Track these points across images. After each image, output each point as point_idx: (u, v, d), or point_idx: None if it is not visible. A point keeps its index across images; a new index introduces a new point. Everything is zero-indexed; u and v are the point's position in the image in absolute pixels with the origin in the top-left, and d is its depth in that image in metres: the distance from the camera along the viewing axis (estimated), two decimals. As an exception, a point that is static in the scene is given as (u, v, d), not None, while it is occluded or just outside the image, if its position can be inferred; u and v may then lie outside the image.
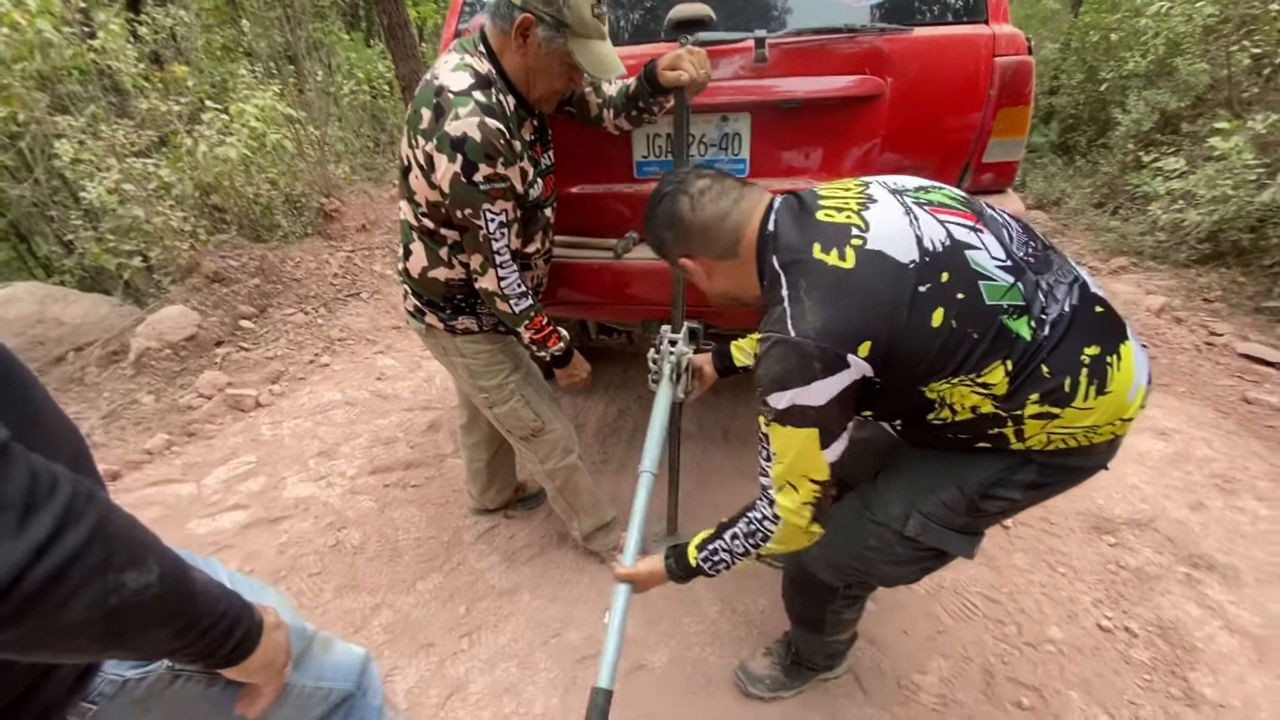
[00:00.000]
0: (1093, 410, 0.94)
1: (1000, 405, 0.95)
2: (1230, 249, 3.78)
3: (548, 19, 1.19)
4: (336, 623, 1.81)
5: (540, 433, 1.69)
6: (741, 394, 2.82)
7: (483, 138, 1.18)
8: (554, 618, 1.80)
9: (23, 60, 3.64)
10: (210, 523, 2.23)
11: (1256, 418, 2.59)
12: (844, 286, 0.93)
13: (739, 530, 1.08)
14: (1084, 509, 2.12)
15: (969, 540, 1.12)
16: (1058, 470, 1.03)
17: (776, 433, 0.98)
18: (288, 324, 3.75)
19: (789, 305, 0.94)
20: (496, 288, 1.36)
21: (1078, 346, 0.94)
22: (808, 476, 0.98)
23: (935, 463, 1.11)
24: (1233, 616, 1.73)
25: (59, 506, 0.47)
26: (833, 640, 1.41)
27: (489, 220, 1.27)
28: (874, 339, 0.91)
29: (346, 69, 7.43)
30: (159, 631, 0.56)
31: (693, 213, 1.07)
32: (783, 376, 0.94)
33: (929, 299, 0.92)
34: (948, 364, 0.93)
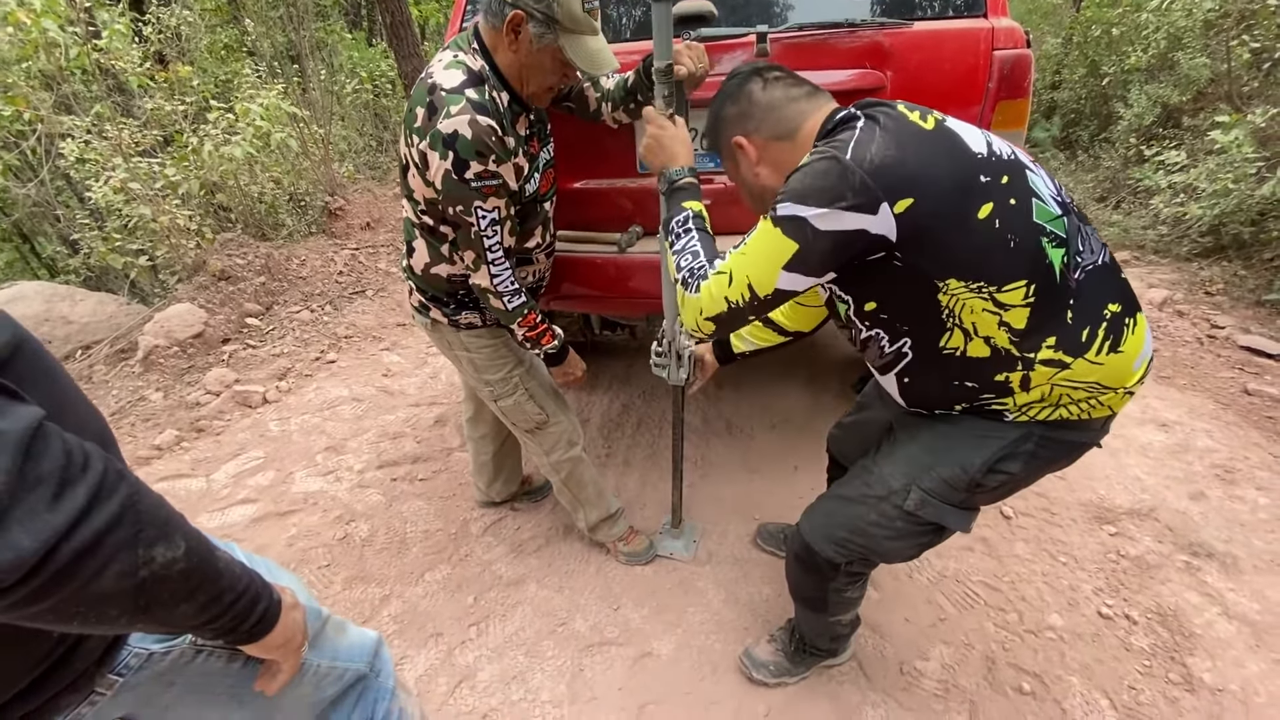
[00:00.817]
0: (1102, 366, 0.96)
1: (1016, 342, 0.96)
2: (1231, 242, 3.79)
3: (538, 15, 1.19)
4: (346, 613, 1.84)
5: (545, 425, 1.71)
6: (744, 386, 2.84)
7: (474, 135, 1.19)
8: (560, 607, 1.83)
9: (27, 59, 3.67)
10: (220, 516, 2.26)
11: (1257, 409, 2.61)
12: (919, 139, 0.92)
13: (692, 262, 1.10)
14: (1085, 499, 2.13)
15: (966, 515, 1.15)
16: (1055, 444, 1.05)
17: (763, 229, 0.98)
18: (294, 321, 3.78)
19: (859, 133, 0.93)
20: (489, 284, 1.38)
21: (1103, 300, 0.97)
22: (749, 280, 0.99)
23: (935, 439, 1.13)
24: (1231, 603, 1.75)
25: (92, 482, 0.49)
26: (836, 621, 1.43)
27: (480, 217, 1.28)
28: (918, 198, 0.90)
29: (349, 68, 7.46)
30: (185, 605, 0.58)
31: (763, 90, 1.09)
32: (809, 191, 0.92)
33: (984, 190, 0.92)
34: (975, 262, 0.93)
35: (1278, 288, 3.34)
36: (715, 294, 1.02)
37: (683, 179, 1.20)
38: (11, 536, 0.44)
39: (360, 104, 7.21)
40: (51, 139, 4.04)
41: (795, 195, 0.93)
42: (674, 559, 1.96)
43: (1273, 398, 2.64)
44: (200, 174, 4.16)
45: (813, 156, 0.95)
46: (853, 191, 0.89)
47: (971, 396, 1.05)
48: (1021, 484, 1.12)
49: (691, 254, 1.10)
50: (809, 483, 2.23)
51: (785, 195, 0.95)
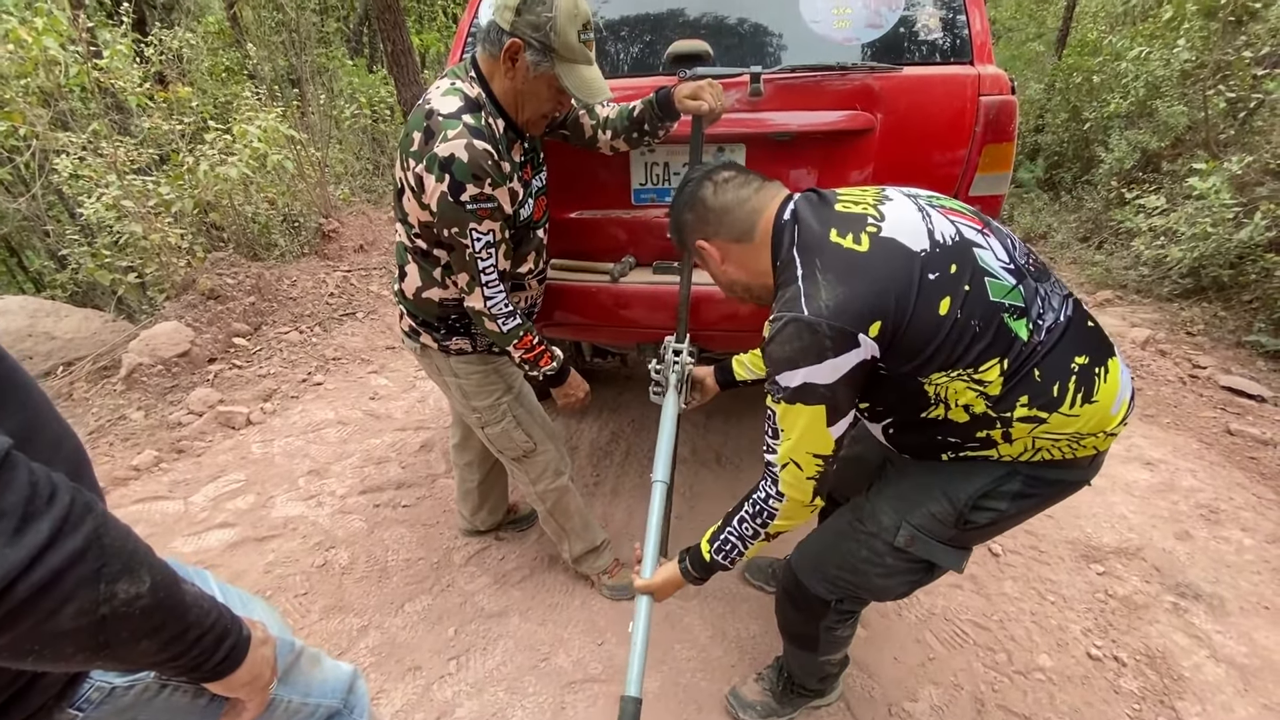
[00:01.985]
0: (1078, 417, 0.99)
1: (992, 406, 0.99)
2: (1211, 284, 3.88)
3: (535, 44, 1.22)
4: (323, 644, 1.78)
5: (532, 454, 1.70)
6: (734, 417, 2.83)
7: (470, 159, 1.20)
8: (543, 641, 1.79)
9: (26, 76, 3.69)
10: (196, 541, 2.20)
11: (1239, 449, 2.64)
12: (857, 267, 0.96)
13: (745, 514, 1.13)
14: (1073, 537, 2.13)
15: (957, 554, 1.15)
16: (1041, 482, 1.07)
17: (785, 411, 1.01)
18: (282, 342, 3.75)
19: (803, 284, 0.97)
20: (483, 307, 1.37)
21: (1069, 355, 0.99)
22: (812, 453, 1.02)
23: (925, 475, 1.14)
24: (1219, 646, 1.74)
25: (57, 515, 0.48)
26: (826, 660, 1.40)
27: (475, 240, 1.28)
28: (883, 319, 0.94)
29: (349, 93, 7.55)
30: (147, 643, 0.56)
31: (715, 196, 1.12)
32: (795, 355, 0.96)
33: (937, 286, 0.95)
34: (950, 354, 0.96)
35: (1257, 329, 3.41)
36: (799, 485, 1.05)
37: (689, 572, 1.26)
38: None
39: (358, 128, 7.29)
40: (46, 154, 4.03)
41: (787, 364, 0.98)
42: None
43: (1255, 438, 2.67)
44: (195, 193, 4.16)
45: (775, 326, 1.00)
46: (829, 339, 0.94)
47: (956, 449, 1.08)
48: (1011, 522, 1.13)
49: (740, 522, 1.16)
50: (797, 516, 2.21)
51: (775, 368, 1.00)
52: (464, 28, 1.96)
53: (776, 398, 1.01)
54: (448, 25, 9.70)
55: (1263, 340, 3.33)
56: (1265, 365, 3.26)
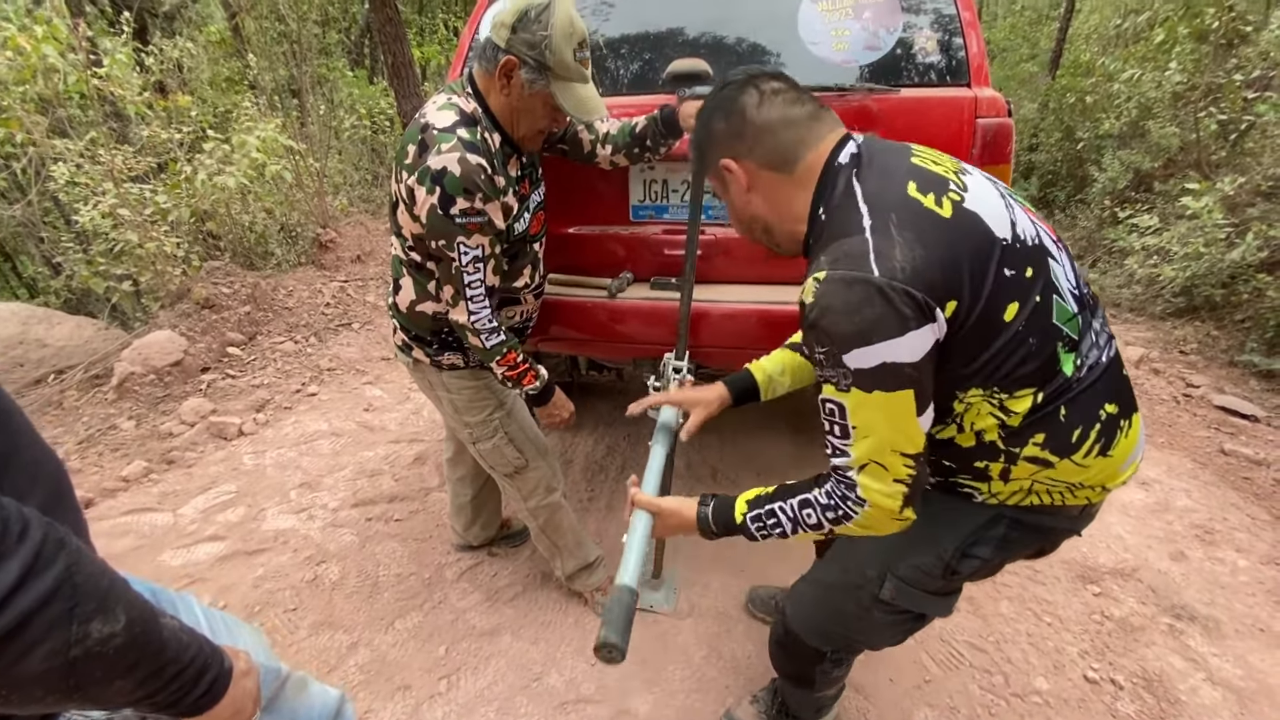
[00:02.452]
0: (1087, 469, 0.90)
1: (1004, 438, 0.90)
2: (1204, 303, 3.90)
3: (530, 62, 1.22)
4: (311, 661, 1.76)
5: (523, 470, 1.68)
6: (729, 433, 2.82)
7: (462, 172, 1.20)
8: (536, 660, 1.76)
9: (25, 83, 3.69)
10: (185, 554, 2.18)
11: (1233, 469, 2.64)
12: (942, 233, 0.81)
13: (815, 499, 0.91)
14: (1069, 558, 2.12)
15: (945, 601, 1.10)
16: (1026, 528, 1.00)
17: (860, 402, 0.81)
18: (276, 352, 3.73)
19: (873, 237, 0.80)
20: (467, 321, 1.36)
21: (1100, 401, 0.89)
22: (900, 451, 0.83)
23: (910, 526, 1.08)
24: (1215, 669, 1.73)
25: (26, 555, 0.46)
26: (822, 696, 1.39)
27: (462, 254, 1.27)
28: (959, 301, 0.80)
29: (349, 104, 7.58)
30: (121, 682, 0.54)
31: (758, 108, 0.92)
32: (867, 327, 0.77)
33: (1011, 286, 0.83)
34: (996, 370, 0.85)
35: (1249, 349, 3.43)
36: (884, 488, 0.84)
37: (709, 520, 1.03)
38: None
39: (358, 139, 7.31)
40: (43, 161, 4.02)
41: (857, 339, 0.78)
42: (653, 611, 1.91)
43: (1249, 458, 2.67)
44: (192, 202, 4.16)
45: (826, 288, 0.80)
46: (909, 306, 0.77)
47: (947, 474, 1.00)
48: (997, 568, 1.07)
49: (801, 504, 0.92)
50: (793, 533, 2.20)
51: (840, 345, 0.79)
52: (465, 42, 1.97)
53: (843, 385, 0.81)
54: (449, 39, 9.77)
55: (1255, 360, 3.35)
56: (1258, 385, 3.27)
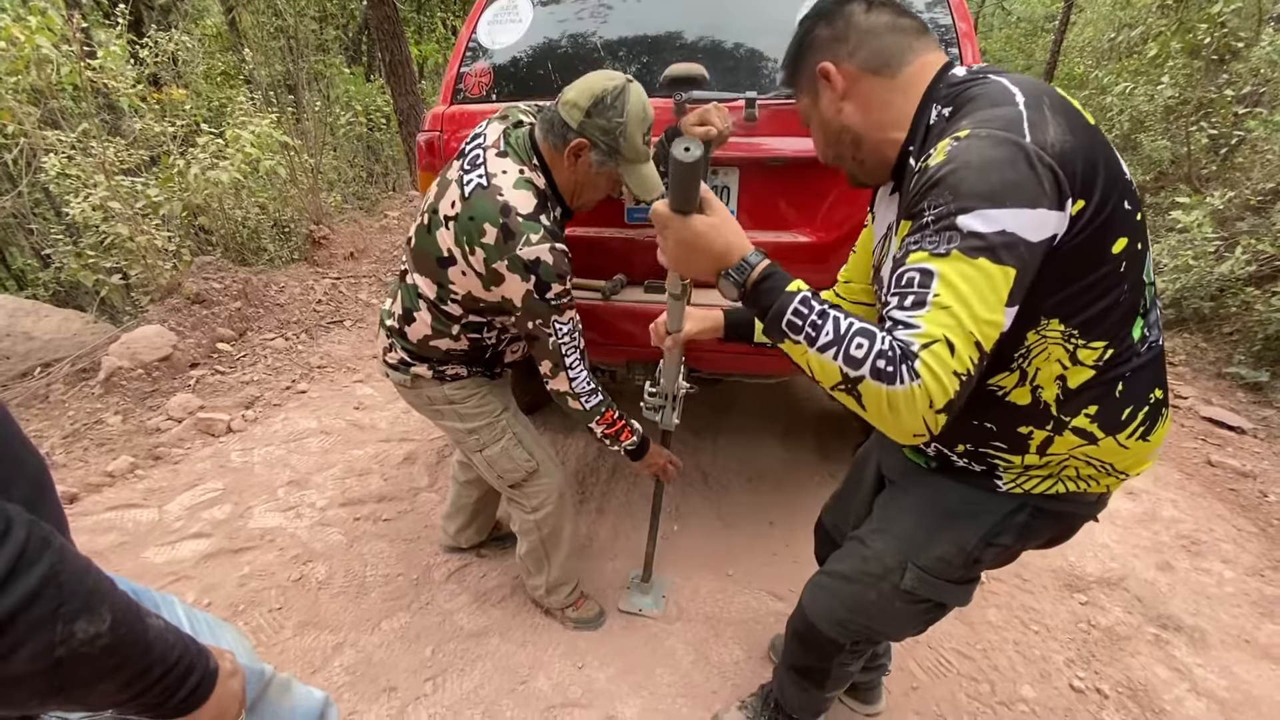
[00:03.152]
0: (1126, 451, 0.91)
1: (1060, 401, 0.88)
2: (1193, 316, 3.94)
3: (602, 146, 1.26)
4: (295, 662, 1.74)
5: (534, 475, 1.64)
6: (722, 438, 2.82)
7: (554, 261, 1.25)
8: (523, 663, 1.75)
9: (18, 74, 3.65)
10: (169, 551, 2.15)
11: (1220, 481, 2.66)
12: (1088, 134, 0.77)
13: (878, 338, 0.73)
14: (1056, 566, 2.13)
15: (965, 589, 1.10)
16: (1048, 515, 1.00)
17: (956, 269, 0.71)
18: (267, 349, 3.70)
19: (1026, 110, 0.75)
20: (568, 388, 1.42)
21: (1151, 384, 0.90)
22: (975, 337, 0.71)
23: (928, 514, 1.08)
24: (1200, 679, 1.74)
25: (10, 554, 0.46)
26: (830, 696, 1.36)
27: (558, 329, 1.34)
28: (1086, 204, 0.75)
29: (345, 101, 7.55)
30: (106, 683, 0.53)
31: (865, 14, 0.90)
32: (1002, 188, 0.71)
33: (1127, 220, 0.80)
34: (1084, 306, 0.81)
35: (1237, 361, 3.46)
36: (942, 371, 0.71)
37: (760, 264, 0.84)
38: None
39: (353, 136, 7.29)
40: (34, 152, 3.99)
41: (986, 199, 0.71)
42: (642, 615, 1.90)
43: (1235, 470, 2.70)
44: (184, 196, 4.13)
45: (968, 144, 0.74)
46: (1051, 181, 0.72)
47: (981, 440, 0.95)
48: (1017, 554, 1.09)
49: (863, 335, 0.74)
50: (783, 539, 2.20)
51: (964, 201, 0.71)
52: (462, 41, 1.96)
53: (943, 249, 0.72)
54: (447, 37, 9.77)
55: (1242, 372, 3.38)
56: (1245, 397, 3.31)
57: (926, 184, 0.75)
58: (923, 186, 0.76)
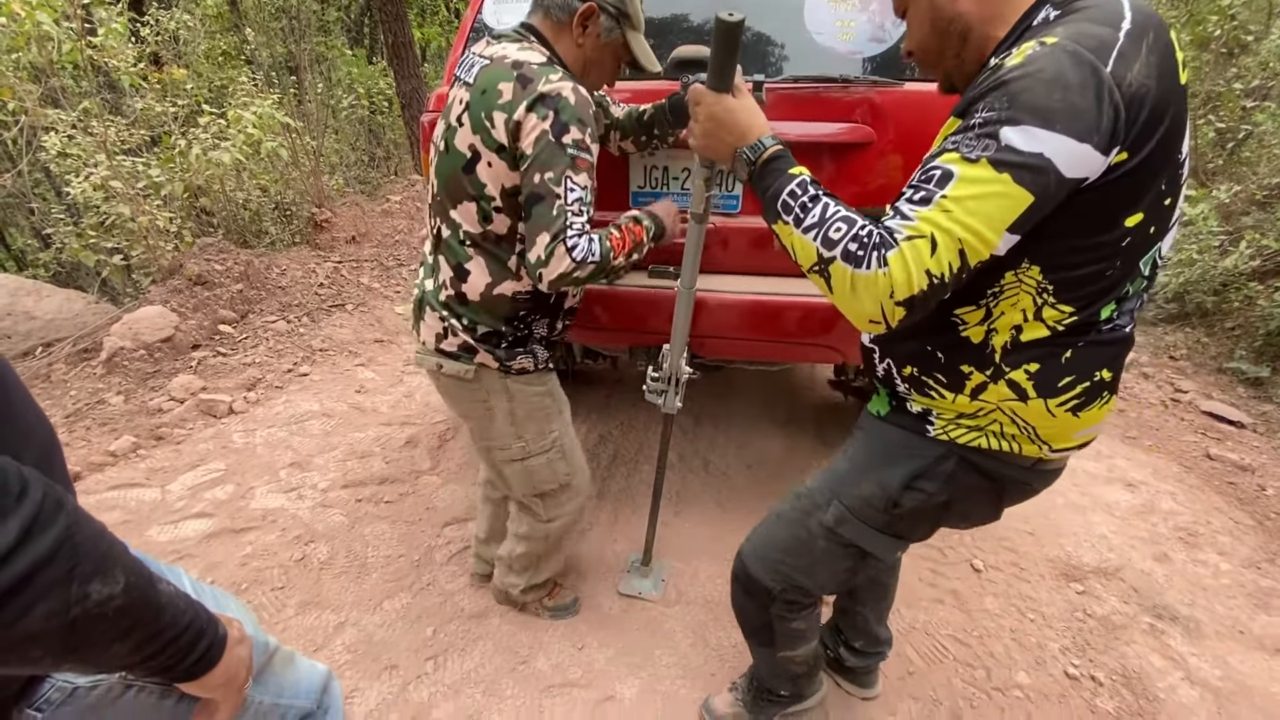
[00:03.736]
0: (1051, 420, 0.90)
1: (1007, 349, 0.88)
2: (1195, 310, 3.93)
3: (610, 9, 1.23)
4: (298, 640, 1.76)
5: (566, 487, 1.57)
6: (723, 425, 2.83)
7: (577, 100, 1.14)
8: (523, 644, 1.77)
9: (18, 50, 3.62)
10: (172, 530, 2.16)
11: (1218, 474, 2.67)
12: (1172, 88, 0.74)
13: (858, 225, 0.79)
14: (1054, 555, 2.15)
15: (887, 541, 1.10)
16: (976, 470, 0.99)
17: (980, 177, 0.72)
18: (269, 331, 3.70)
19: (1124, 38, 0.71)
20: (568, 268, 1.18)
21: (1101, 363, 0.88)
22: (963, 244, 0.72)
23: (863, 456, 1.10)
24: (1194, 669, 1.76)
25: (27, 513, 0.46)
26: (787, 658, 1.37)
27: (569, 190, 1.15)
28: (1129, 158, 0.73)
29: (347, 83, 7.50)
30: (119, 645, 0.54)
31: None
32: (1061, 110, 0.68)
33: (1154, 201, 0.78)
34: (1071, 266, 0.80)
35: (1238, 356, 3.46)
36: (914, 266, 0.73)
37: (771, 148, 0.92)
38: None
39: (355, 119, 7.24)
40: (34, 131, 3.96)
41: (1039, 114, 0.69)
42: (641, 598, 1.91)
43: (1234, 463, 2.71)
44: (185, 177, 4.11)
45: (1060, 53, 0.70)
46: (1110, 121, 0.69)
47: (927, 368, 0.96)
48: (941, 513, 1.06)
49: (844, 221, 0.80)
50: (782, 525, 2.21)
51: (1019, 114, 0.70)
52: (467, 22, 1.94)
53: (975, 155, 0.72)
54: (450, 20, 9.67)
55: (1243, 367, 3.38)
56: (1245, 392, 3.31)
57: (992, 84, 0.74)
58: (988, 86, 0.75)
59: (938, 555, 2.12)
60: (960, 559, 2.11)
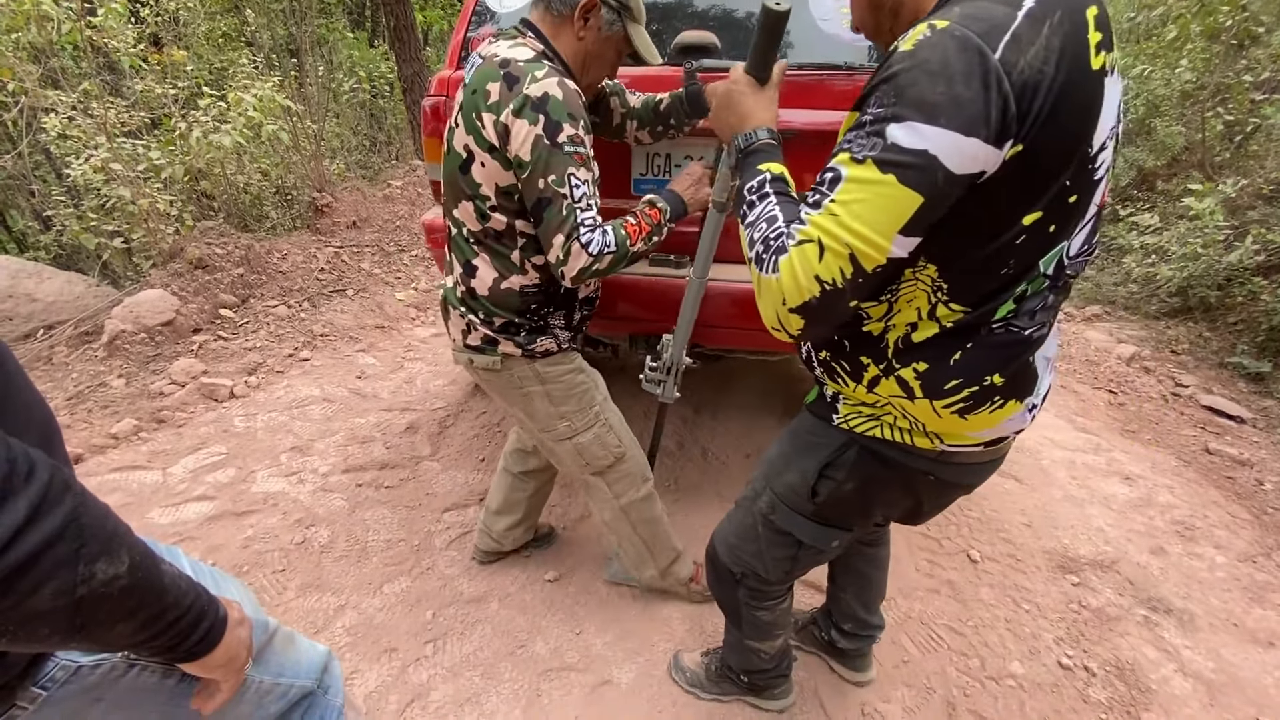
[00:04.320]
0: (938, 419, 0.88)
1: (899, 347, 0.87)
2: (1198, 304, 3.92)
3: (612, 2, 1.22)
4: (298, 622, 1.77)
5: (621, 460, 1.57)
6: (722, 415, 2.84)
7: (564, 96, 1.13)
8: (522, 628, 1.78)
9: (17, 30, 3.59)
10: (174, 513, 2.18)
11: (1216, 468, 2.68)
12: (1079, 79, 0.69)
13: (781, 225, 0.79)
14: (1050, 547, 2.16)
15: (816, 529, 1.11)
16: (877, 458, 0.99)
17: (865, 178, 0.70)
18: (269, 316, 3.70)
19: (1024, 19, 0.67)
20: (588, 262, 1.20)
21: (992, 367, 0.84)
22: (853, 250, 0.71)
23: (790, 445, 1.12)
24: (1187, 660, 1.77)
25: (34, 494, 0.47)
26: (753, 648, 1.39)
27: (574, 187, 1.15)
28: (1023, 151, 0.69)
29: (349, 67, 7.43)
30: (124, 625, 0.55)
31: None
32: (943, 103, 0.65)
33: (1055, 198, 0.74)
34: (965, 266, 0.78)
35: (1240, 351, 3.46)
36: (800, 273, 0.73)
37: (759, 141, 0.94)
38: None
39: (357, 103, 7.18)
40: (34, 112, 3.94)
41: (924, 110, 0.66)
42: (628, 584, 1.92)
43: (1232, 458, 2.71)
44: (186, 160, 4.09)
45: (947, 39, 0.66)
46: (997, 109, 0.65)
47: (836, 354, 0.97)
48: (858, 500, 1.06)
49: (767, 220, 0.80)
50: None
51: (903, 109, 0.67)
52: (469, 5, 1.92)
53: (861, 155, 0.70)
54: (451, 3, 9.58)
55: (1245, 362, 3.38)
56: (1246, 387, 3.31)
57: (885, 75, 0.72)
58: (880, 77, 0.73)
59: (934, 545, 2.13)
60: (957, 549, 2.12)
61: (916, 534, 2.17)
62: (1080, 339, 3.89)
